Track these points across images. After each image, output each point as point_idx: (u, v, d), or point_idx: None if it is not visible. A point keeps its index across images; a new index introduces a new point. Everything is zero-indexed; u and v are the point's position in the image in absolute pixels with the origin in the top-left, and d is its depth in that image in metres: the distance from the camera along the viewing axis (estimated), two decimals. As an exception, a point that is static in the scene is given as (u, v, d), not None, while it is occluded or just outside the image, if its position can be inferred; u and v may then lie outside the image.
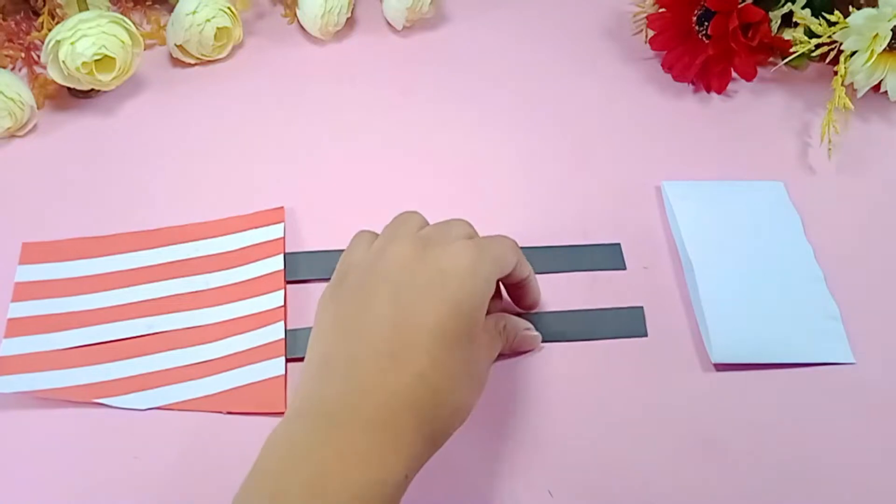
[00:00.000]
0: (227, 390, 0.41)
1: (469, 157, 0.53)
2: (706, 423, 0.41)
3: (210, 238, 0.47)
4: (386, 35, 0.61)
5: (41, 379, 0.41)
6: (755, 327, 0.44)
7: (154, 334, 0.43)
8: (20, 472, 0.39)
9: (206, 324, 0.43)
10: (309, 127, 0.54)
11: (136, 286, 0.45)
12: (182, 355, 0.42)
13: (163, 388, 0.41)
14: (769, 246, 0.48)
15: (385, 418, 0.31)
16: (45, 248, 0.46)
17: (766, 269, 0.46)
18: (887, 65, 0.53)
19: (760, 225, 0.49)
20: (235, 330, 0.43)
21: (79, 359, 0.42)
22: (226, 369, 0.41)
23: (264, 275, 0.45)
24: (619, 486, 0.39)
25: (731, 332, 0.43)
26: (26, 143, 0.53)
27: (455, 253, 0.35)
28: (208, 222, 0.47)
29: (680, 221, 0.48)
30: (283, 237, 0.47)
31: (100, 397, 0.40)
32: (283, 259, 0.46)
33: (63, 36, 0.50)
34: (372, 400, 0.31)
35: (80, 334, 0.42)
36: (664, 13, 0.56)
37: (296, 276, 0.46)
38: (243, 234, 0.47)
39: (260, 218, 0.48)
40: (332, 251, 0.46)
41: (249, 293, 0.44)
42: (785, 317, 0.44)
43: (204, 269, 0.45)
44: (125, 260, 0.46)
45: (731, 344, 0.43)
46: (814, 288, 0.46)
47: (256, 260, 0.46)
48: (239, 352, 0.42)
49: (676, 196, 0.50)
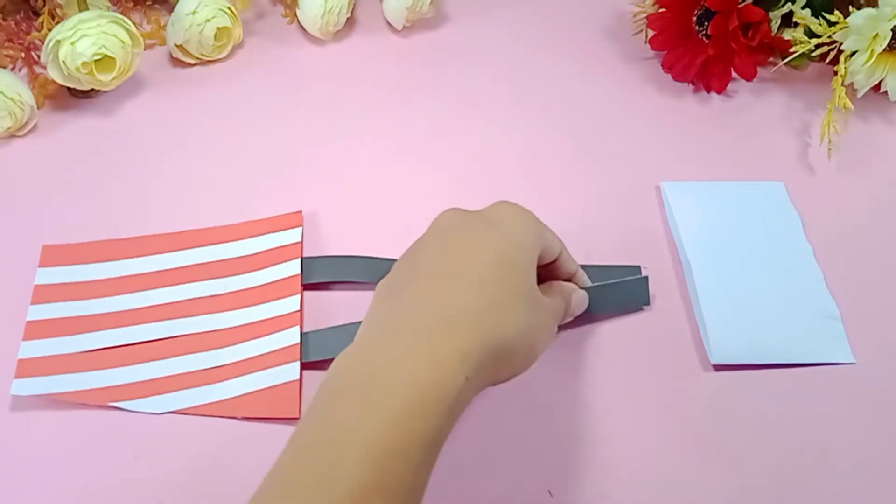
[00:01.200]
0: (241, 395, 0.40)
1: (469, 156, 0.53)
2: (706, 423, 0.41)
3: (228, 242, 0.47)
4: (386, 35, 0.61)
5: (59, 382, 0.40)
6: (754, 328, 0.44)
7: (171, 338, 0.43)
8: (29, 472, 0.39)
9: (223, 328, 0.43)
10: (309, 127, 0.54)
11: (153, 290, 0.44)
12: (199, 359, 0.42)
13: (179, 393, 0.41)
14: (769, 246, 0.48)
15: (440, 322, 0.30)
16: (65, 251, 0.46)
17: (765, 270, 0.46)
18: (887, 65, 0.53)
19: (760, 225, 0.49)
20: (251, 334, 0.43)
21: (96, 362, 0.41)
22: (241, 374, 0.41)
23: (281, 279, 0.45)
24: (619, 486, 0.39)
25: (731, 333, 0.43)
26: (26, 143, 0.53)
27: (499, 206, 0.36)
28: (227, 226, 0.47)
29: (679, 222, 0.48)
30: (301, 241, 0.47)
31: (116, 401, 0.40)
32: (301, 263, 0.46)
33: (63, 36, 0.50)
34: (427, 308, 0.31)
35: (97, 337, 0.42)
36: (664, 13, 0.56)
37: (311, 279, 0.45)
38: (262, 238, 0.47)
39: (278, 222, 0.47)
40: (347, 256, 0.46)
41: (266, 297, 0.44)
42: (784, 317, 0.44)
43: (222, 273, 0.45)
44: (143, 263, 0.46)
45: (730, 345, 0.43)
46: (814, 288, 0.46)
47: (274, 264, 0.46)
48: (254, 356, 0.42)
49: (675, 196, 0.50)
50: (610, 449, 0.40)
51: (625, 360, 0.43)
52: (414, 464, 0.27)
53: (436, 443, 0.28)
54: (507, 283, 0.33)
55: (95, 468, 0.39)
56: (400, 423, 0.27)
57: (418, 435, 0.27)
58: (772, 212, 0.50)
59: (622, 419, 0.41)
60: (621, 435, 0.40)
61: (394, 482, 0.26)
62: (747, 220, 0.49)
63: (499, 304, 0.32)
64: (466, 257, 0.33)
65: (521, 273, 0.34)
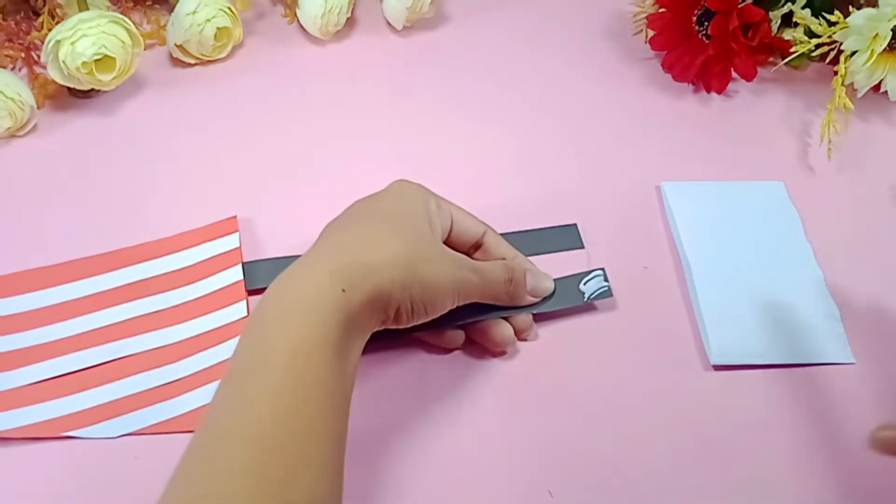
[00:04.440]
0: (198, 408, 0.40)
1: (468, 156, 0.53)
2: (706, 423, 0.41)
3: (166, 255, 0.46)
4: (386, 35, 0.61)
5: (7, 418, 0.39)
6: (754, 328, 0.44)
7: (119, 359, 0.42)
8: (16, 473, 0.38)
9: (171, 343, 0.42)
10: (309, 127, 0.54)
11: (95, 312, 0.43)
12: (149, 377, 0.41)
13: (133, 414, 0.40)
14: (769, 246, 0.48)
15: (322, 251, 0.37)
16: (0, 282, 0.44)
17: (765, 270, 0.46)
18: (887, 65, 0.53)
19: (760, 225, 0.49)
20: (201, 346, 0.42)
21: (43, 393, 0.40)
22: (195, 387, 0.41)
23: (224, 286, 0.44)
24: (619, 486, 0.39)
25: (730, 333, 0.43)
26: (26, 143, 0.53)
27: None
28: (161, 240, 0.47)
29: (678, 222, 0.48)
30: (240, 247, 0.46)
31: (69, 430, 0.39)
32: (242, 269, 0.45)
33: (63, 36, 0.50)
34: (327, 244, 0.38)
35: (41, 368, 0.41)
36: (664, 13, 0.56)
37: (255, 284, 0.45)
38: (197, 248, 0.46)
39: (212, 230, 0.47)
40: (293, 256, 0.46)
41: (211, 307, 0.44)
42: (784, 317, 0.44)
43: (163, 288, 0.45)
44: (80, 287, 0.44)
45: (729, 345, 0.43)
46: (813, 288, 0.46)
47: (214, 273, 0.45)
48: (207, 367, 0.41)
49: (675, 196, 0.50)
50: (610, 449, 0.40)
51: (625, 360, 0.43)
52: (323, 361, 0.32)
53: (338, 349, 0.33)
54: (383, 219, 0.38)
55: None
56: (305, 329, 0.32)
57: (320, 339, 0.32)
58: (772, 212, 0.50)
59: (622, 419, 0.41)
60: (621, 434, 0.40)
61: (311, 374, 0.31)
62: (747, 221, 0.49)
63: (374, 240, 0.37)
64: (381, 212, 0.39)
65: (419, 228, 0.39)
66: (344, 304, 0.33)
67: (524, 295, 0.42)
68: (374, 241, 0.37)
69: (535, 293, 0.43)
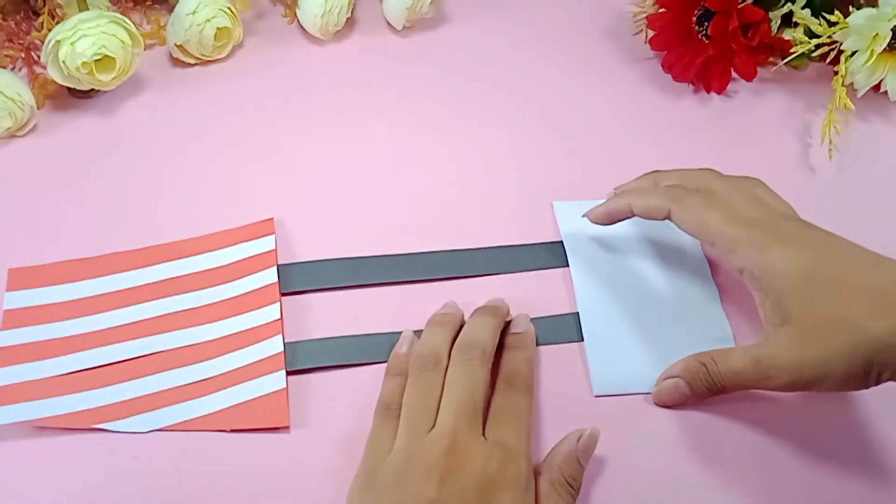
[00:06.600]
0: (228, 407, 0.40)
1: (468, 157, 0.53)
2: (706, 423, 0.41)
3: (200, 254, 0.46)
4: (386, 35, 0.61)
5: (38, 407, 0.39)
6: (639, 355, 0.42)
7: (150, 355, 0.42)
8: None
9: (203, 341, 0.42)
10: (309, 127, 0.54)
11: (128, 307, 0.44)
12: (180, 374, 0.41)
13: (163, 409, 0.40)
14: (661, 266, 0.46)
15: None
16: (32, 273, 0.45)
17: (656, 292, 0.45)
18: (887, 65, 0.53)
19: (651, 243, 0.47)
20: (233, 346, 0.42)
21: (75, 384, 0.40)
22: (226, 386, 0.41)
23: (258, 288, 0.44)
24: (619, 486, 0.39)
25: (612, 363, 0.42)
26: (26, 143, 0.53)
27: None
28: (195, 238, 0.47)
29: (567, 246, 0.47)
30: (275, 249, 0.46)
31: (99, 422, 0.39)
32: (277, 271, 0.45)
33: (63, 36, 0.50)
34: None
35: (74, 359, 0.41)
36: (664, 13, 0.56)
37: (290, 287, 0.45)
38: (233, 248, 0.46)
39: (249, 231, 0.47)
40: (328, 260, 0.46)
41: (244, 308, 0.44)
42: (673, 342, 0.42)
43: (196, 286, 0.45)
44: (115, 281, 0.45)
45: (610, 375, 0.42)
46: (707, 308, 0.44)
47: (249, 274, 0.45)
48: (238, 368, 0.41)
49: (565, 216, 0.48)
50: (609, 449, 0.40)
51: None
52: None
53: None
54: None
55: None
56: None
57: None
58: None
59: (621, 419, 0.41)
60: (621, 434, 0.40)
61: None
62: (637, 239, 0.47)
63: None
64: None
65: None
66: None
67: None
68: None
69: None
